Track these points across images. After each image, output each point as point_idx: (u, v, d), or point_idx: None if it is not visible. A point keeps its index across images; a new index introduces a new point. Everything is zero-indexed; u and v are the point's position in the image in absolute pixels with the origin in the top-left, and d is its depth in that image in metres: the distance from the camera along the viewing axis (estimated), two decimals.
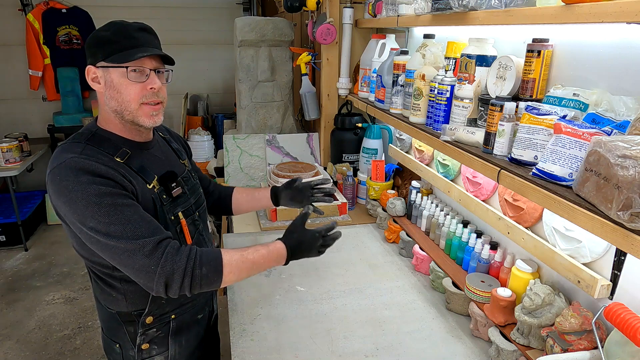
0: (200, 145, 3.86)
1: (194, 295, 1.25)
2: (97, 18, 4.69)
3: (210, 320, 1.48)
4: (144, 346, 1.26)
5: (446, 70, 1.50)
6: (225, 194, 1.62)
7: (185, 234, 1.24)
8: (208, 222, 1.43)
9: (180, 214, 1.24)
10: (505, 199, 1.45)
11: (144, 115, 1.15)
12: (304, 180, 1.62)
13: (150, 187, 1.17)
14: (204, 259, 1.09)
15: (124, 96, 1.12)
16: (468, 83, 1.39)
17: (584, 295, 1.19)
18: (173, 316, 1.28)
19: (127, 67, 1.10)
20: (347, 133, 2.49)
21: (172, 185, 1.22)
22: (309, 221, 2.12)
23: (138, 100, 1.13)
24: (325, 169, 2.53)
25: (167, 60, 1.18)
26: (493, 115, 1.20)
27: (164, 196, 1.20)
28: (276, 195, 1.61)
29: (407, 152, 2.14)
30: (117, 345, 1.28)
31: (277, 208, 2.12)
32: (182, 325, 1.31)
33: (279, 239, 1.26)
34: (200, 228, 1.33)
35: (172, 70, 1.22)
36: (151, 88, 1.13)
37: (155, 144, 1.29)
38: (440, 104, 1.47)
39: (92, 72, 1.14)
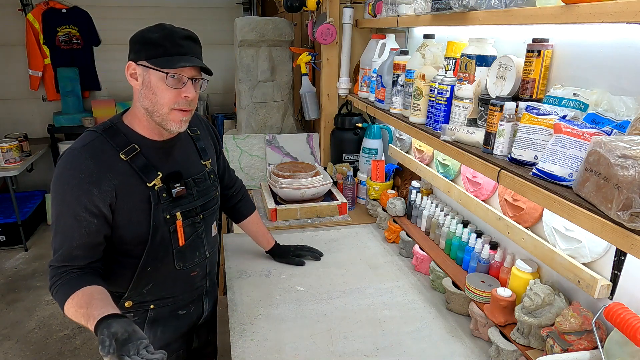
0: None
1: (176, 291, 1.36)
2: (97, 18, 4.69)
3: (199, 320, 1.48)
4: None
5: (446, 70, 1.50)
6: (242, 212, 1.73)
7: (178, 235, 1.28)
8: (214, 226, 1.43)
9: (178, 214, 1.27)
10: (505, 199, 1.45)
11: (173, 120, 1.20)
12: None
13: (151, 185, 1.21)
14: (57, 296, 1.15)
15: (158, 99, 1.17)
16: (468, 83, 1.39)
17: (584, 295, 1.19)
18: (152, 306, 1.33)
19: (167, 74, 1.14)
20: (347, 133, 2.49)
21: (176, 185, 1.25)
22: (308, 221, 2.13)
23: (170, 105, 1.17)
24: (325, 169, 2.53)
25: (205, 69, 1.22)
26: (493, 115, 1.20)
27: (164, 195, 1.24)
28: (273, 253, 1.81)
29: (407, 152, 2.14)
30: None
31: (277, 207, 2.13)
32: (159, 317, 1.36)
33: (103, 319, 1.00)
34: (199, 231, 1.35)
35: (207, 80, 1.26)
36: (185, 96, 1.18)
37: (176, 144, 1.31)
38: (440, 104, 1.46)
39: (132, 68, 1.18)
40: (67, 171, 1.15)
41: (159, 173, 1.23)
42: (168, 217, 1.25)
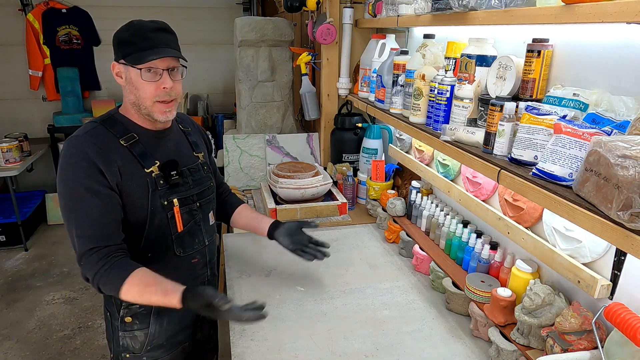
0: None
1: (178, 279, 1.33)
2: (97, 18, 4.70)
3: None
4: (127, 319, 1.36)
5: (446, 70, 1.50)
6: (231, 203, 1.70)
7: (176, 221, 1.32)
8: (211, 214, 1.47)
9: (175, 200, 1.31)
10: (505, 199, 1.45)
11: (158, 111, 1.26)
12: (304, 229, 1.59)
13: (148, 171, 1.27)
14: (109, 279, 1.19)
15: (140, 93, 1.23)
16: (468, 83, 1.39)
17: (584, 295, 1.19)
18: None
19: (140, 69, 1.19)
20: (347, 133, 2.49)
21: (172, 173, 1.30)
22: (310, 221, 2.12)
23: (152, 98, 1.23)
24: (325, 169, 2.53)
25: (180, 57, 1.26)
26: (493, 115, 1.20)
27: (161, 182, 1.29)
28: (275, 228, 1.58)
29: (407, 152, 2.14)
30: (108, 313, 1.40)
31: (277, 207, 2.12)
32: (164, 308, 1.33)
33: (183, 292, 1.15)
34: (197, 218, 1.40)
35: (186, 67, 1.30)
36: (164, 87, 1.23)
37: (169, 134, 1.37)
38: (440, 104, 1.47)
39: (116, 68, 1.26)
40: (75, 156, 1.18)
41: (156, 161, 1.29)
42: (165, 203, 1.29)
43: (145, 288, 1.18)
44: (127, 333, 1.37)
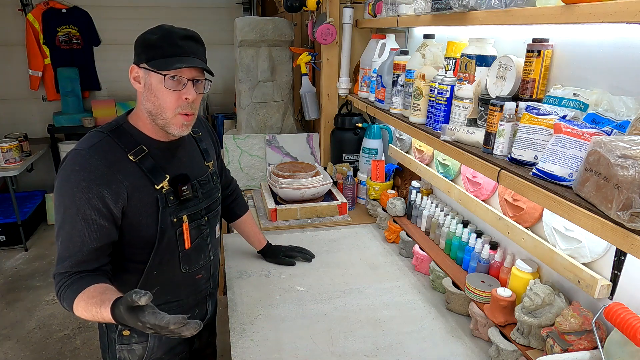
0: None
1: (181, 295, 1.34)
2: (97, 18, 4.70)
3: (202, 322, 1.47)
4: (125, 332, 1.30)
5: (446, 70, 1.50)
6: (237, 211, 1.74)
7: (184, 238, 1.26)
8: (217, 227, 1.43)
9: (184, 217, 1.25)
10: (505, 199, 1.45)
11: (176, 124, 1.18)
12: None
13: (159, 187, 1.20)
14: (65, 301, 1.11)
15: (160, 102, 1.15)
16: (468, 83, 1.39)
17: (584, 295, 1.19)
18: None
19: (165, 75, 1.12)
20: (347, 133, 2.49)
21: (183, 188, 1.24)
22: (308, 221, 2.12)
23: (174, 109, 1.15)
24: (325, 169, 2.53)
25: (207, 69, 1.19)
26: (493, 115, 1.20)
27: (171, 197, 1.22)
28: (264, 253, 1.81)
29: (407, 152, 2.14)
30: (104, 326, 1.33)
31: (277, 207, 2.12)
32: None
33: (112, 307, 0.99)
34: (204, 234, 1.34)
35: (211, 81, 1.23)
36: (186, 98, 1.15)
37: (181, 144, 1.29)
38: (440, 104, 1.47)
39: (135, 72, 1.17)
40: (75, 173, 1.10)
41: (166, 175, 1.22)
42: (175, 220, 1.23)
43: (90, 300, 1.04)
44: (124, 346, 1.31)
